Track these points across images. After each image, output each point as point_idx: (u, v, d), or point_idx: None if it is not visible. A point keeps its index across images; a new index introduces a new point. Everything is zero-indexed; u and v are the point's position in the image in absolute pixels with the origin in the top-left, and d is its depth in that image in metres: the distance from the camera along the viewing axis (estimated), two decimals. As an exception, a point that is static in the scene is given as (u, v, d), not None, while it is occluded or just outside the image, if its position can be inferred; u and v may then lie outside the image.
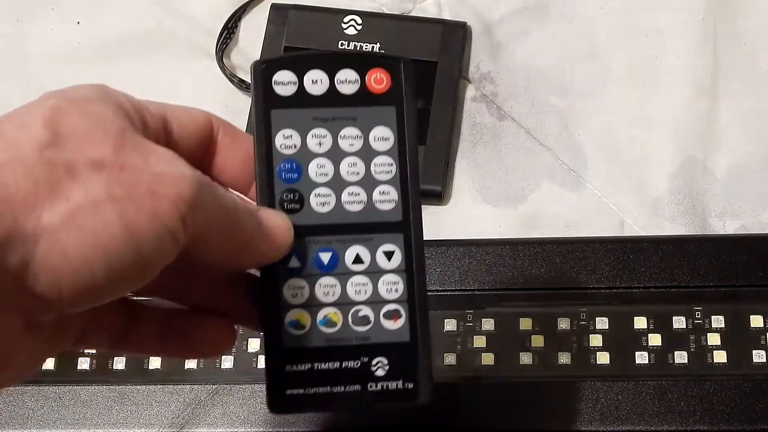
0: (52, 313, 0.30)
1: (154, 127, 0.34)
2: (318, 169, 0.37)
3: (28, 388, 0.55)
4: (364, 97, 0.37)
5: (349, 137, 0.37)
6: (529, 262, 0.56)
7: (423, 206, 0.38)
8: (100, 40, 0.68)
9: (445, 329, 0.55)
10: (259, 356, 0.55)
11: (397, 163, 0.37)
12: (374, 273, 0.37)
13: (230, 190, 0.35)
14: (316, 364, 0.36)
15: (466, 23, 0.65)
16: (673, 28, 0.64)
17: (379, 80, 0.37)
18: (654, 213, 0.60)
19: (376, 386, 0.37)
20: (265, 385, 0.36)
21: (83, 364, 0.55)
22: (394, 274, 0.37)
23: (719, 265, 0.55)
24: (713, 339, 0.53)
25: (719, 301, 0.54)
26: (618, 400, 0.52)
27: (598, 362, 0.53)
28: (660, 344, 0.53)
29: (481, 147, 0.63)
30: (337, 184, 0.37)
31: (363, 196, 0.37)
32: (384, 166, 0.37)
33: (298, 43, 0.64)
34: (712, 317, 0.54)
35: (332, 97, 0.37)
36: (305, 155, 0.37)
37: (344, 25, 0.64)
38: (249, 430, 0.53)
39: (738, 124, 0.62)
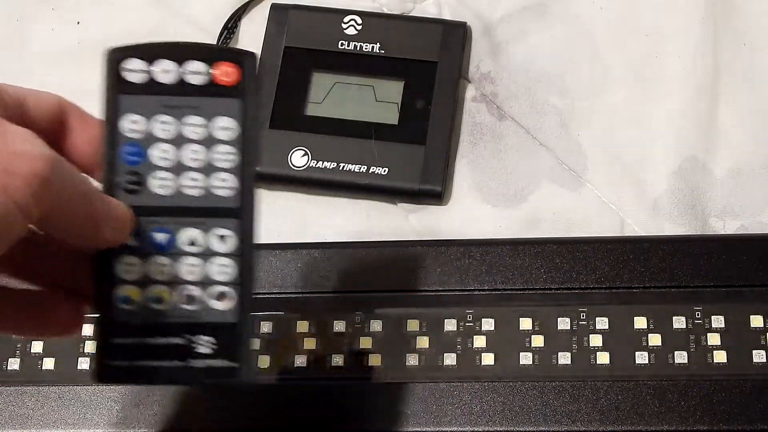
0: None
1: (13, 107, 0.36)
2: (160, 153, 0.38)
3: (28, 388, 0.55)
4: (211, 88, 0.39)
5: (194, 125, 0.39)
6: (529, 262, 0.56)
7: (423, 206, 0.38)
8: (100, 40, 0.68)
9: (445, 329, 0.55)
10: (260, 356, 0.55)
11: (239, 153, 0.39)
12: (207, 255, 0.39)
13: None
14: (143, 339, 0.38)
15: (466, 23, 0.65)
16: (673, 28, 0.64)
17: (226, 73, 0.39)
18: (654, 213, 0.60)
19: (200, 363, 0.38)
20: (94, 358, 0.38)
21: (83, 364, 0.55)
22: (226, 257, 0.39)
23: (719, 265, 0.55)
24: (713, 339, 0.53)
25: (719, 301, 0.54)
26: (618, 400, 0.52)
27: (598, 362, 0.53)
28: (660, 344, 0.53)
29: (481, 147, 0.63)
30: (178, 168, 0.39)
31: (202, 182, 0.39)
32: (225, 155, 0.39)
33: (298, 43, 0.64)
34: (712, 317, 0.54)
35: (180, 86, 0.39)
36: (149, 139, 0.38)
37: (344, 25, 0.64)
38: (252, 430, 0.53)
39: (738, 124, 0.62)
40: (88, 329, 0.56)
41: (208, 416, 0.54)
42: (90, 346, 0.56)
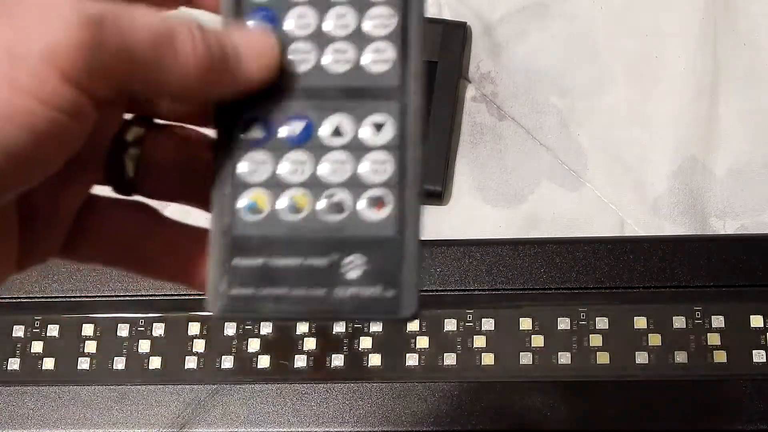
0: None
1: None
2: (298, 20, 0.30)
3: (28, 388, 0.55)
4: None
5: None
6: (529, 262, 0.56)
7: (423, 206, 0.34)
8: None
9: (445, 329, 0.55)
10: (260, 356, 0.55)
11: (399, 14, 0.30)
12: (357, 149, 0.29)
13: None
14: (272, 259, 0.29)
15: (466, 23, 0.65)
16: (673, 28, 0.64)
17: None
18: (654, 213, 0.60)
19: (346, 292, 0.29)
20: (208, 287, 0.29)
21: (83, 364, 0.55)
22: (383, 151, 0.29)
23: (719, 265, 0.55)
24: (713, 339, 0.53)
25: (719, 301, 0.54)
26: (618, 400, 0.52)
27: (598, 362, 0.53)
28: (660, 344, 0.53)
29: (481, 147, 0.63)
30: (321, 38, 0.30)
31: (351, 54, 0.30)
32: (382, 19, 0.30)
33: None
34: (712, 317, 0.54)
35: None
36: (282, 3, 0.30)
37: (344, 25, 0.64)
38: (249, 430, 0.53)
39: (738, 124, 0.62)
40: (89, 329, 0.56)
41: (210, 416, 0.54)
42: (91, 347, 0.56)
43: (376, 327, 0.55)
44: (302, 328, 0.55)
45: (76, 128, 0.25)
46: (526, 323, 0.55)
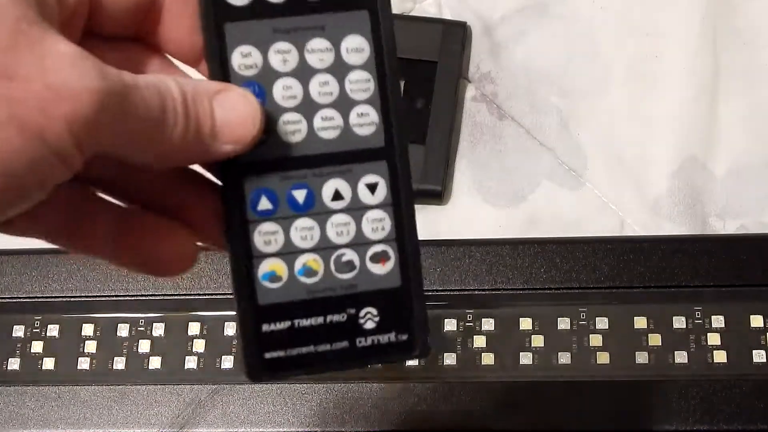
0: None
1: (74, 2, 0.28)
2: (284, 92, 0.31)
3: (28, 388, 0.55)
4: (331, 0, 0.31)
5: (318, 50, 0.31)
6: (529, 262, 0.56)
7: (423, 206, 0.36)
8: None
9: (445, 329, 0.55)
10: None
11: (375, 79, 0.32)
12: (357, 210, 0.32)
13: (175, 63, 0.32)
14: (296, 321, 0.32)
15: (466, 23, 0.65)
16: (673, 28, 0.64)
17: None
18: (654, 213, 0.60)
19: (366, 341, 0.32)
20: (242, 354, 0.31)
21: (83, 364, 0.55)
22: (379, 209, 0.32)
23: (719, 265, 0.55)
24: (713, 339, 0.53)
25: (719, 301, 0.54)
26: (617, 400, 0.52)
27: (598, 362, 0.53)
28: (660, 344, 0.53)
29: (481, 147, 0.63)
30: (308, 107, 0.31)
31: (339, 120, 0.31)
32: (360, 83, 0.32)
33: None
34: (712, 317, 0.54)
35: (294, 3, 0.31)
36: (268, 75, 0.31)
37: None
38: (249, 430, 0.53)
39: (738, 124, 0.62)
40: (89, 329, 0.56)
41: (210, 416, 0.54)
42: (91, 347, 0.56)
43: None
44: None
45: (61, 173, 0.26)
46: (526, 323, 0.55)
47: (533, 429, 0.52)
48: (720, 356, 0.53)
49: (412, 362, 0.54)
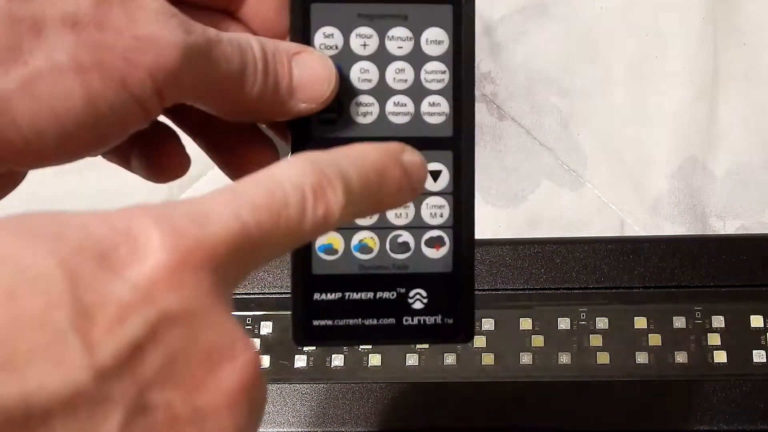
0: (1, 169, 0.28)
1: None
2: (361, 74, 0.32)
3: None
4: None
5: (398, 38, 0.32)
6: (529, 262, 0.56)
7: None
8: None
9: (445, 329, 0.55)
10: (262, 356, 0.55)
11: (450, 71, 0.33)
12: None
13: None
14: (347, 294, 0.33)
15: (466, 23, 0.65)
16: (673, 28, 0.64)
17: None
18: (654, 213, 0.60)
19: (412, 320, 0.33)
20: (292, 320, 0.33)
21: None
22: (439, 196, 0.33)
23: (719, 265, 0.55)
24: (713, 339, 0.53)
25: (719, 301, 0.54)
26: (617, 400, 0.52)
27: (598, 362, 0.53)
28: (660, 344, 0.53)
29: (481, 147, 0.63)
30: (382, 91, 0.33)
31: (410, 107, 0.33)
32: (436, 74, 0.33)
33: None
34: (712, 317, 0.54)
35: None
36: (347, 57, 0.32)
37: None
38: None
39: (738, 124, 0.62)
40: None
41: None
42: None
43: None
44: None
45: (139, 120, 0.28)
46: (526, 323, 0.55)
47: (533, 429, 0.52)
48: (720, 356, 0.53)
49: (412, 362, 0.54)
